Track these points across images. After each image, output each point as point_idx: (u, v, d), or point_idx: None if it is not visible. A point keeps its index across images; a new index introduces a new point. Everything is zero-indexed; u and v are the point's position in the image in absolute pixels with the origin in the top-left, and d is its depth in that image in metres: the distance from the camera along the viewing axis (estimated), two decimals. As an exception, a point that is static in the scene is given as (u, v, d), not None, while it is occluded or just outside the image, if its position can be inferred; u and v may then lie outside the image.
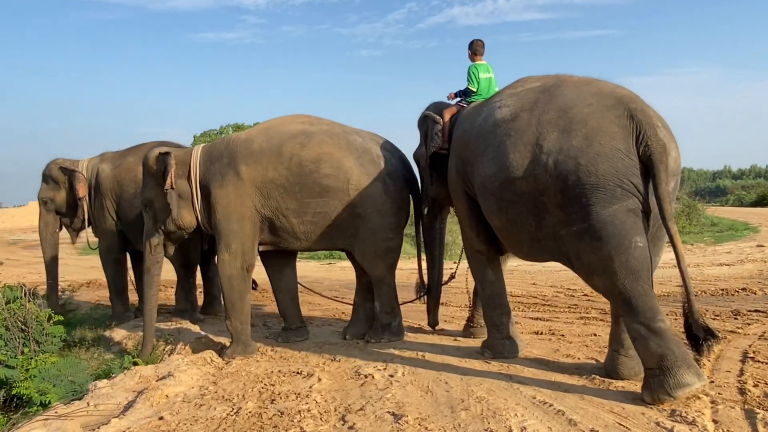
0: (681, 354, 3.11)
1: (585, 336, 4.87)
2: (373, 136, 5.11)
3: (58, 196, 6.41)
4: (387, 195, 4.80)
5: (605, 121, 3.34)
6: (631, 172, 3.25)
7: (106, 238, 6.42)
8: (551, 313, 6.07)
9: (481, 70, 4.81)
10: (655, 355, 3.13)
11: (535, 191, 3.49)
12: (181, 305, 6.51)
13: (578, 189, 3.29)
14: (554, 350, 4.44)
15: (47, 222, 6.49)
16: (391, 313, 4.99)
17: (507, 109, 3.84)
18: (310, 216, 4.75)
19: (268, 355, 4.83)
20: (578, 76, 3.87)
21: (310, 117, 5.11)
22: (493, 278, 4.41)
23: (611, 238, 3.20)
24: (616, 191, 3.23)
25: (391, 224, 4.86)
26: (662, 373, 3.11)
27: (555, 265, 10.72)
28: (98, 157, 6.48)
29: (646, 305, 3.17)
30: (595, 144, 3.29)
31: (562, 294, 7.23)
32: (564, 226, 3.40)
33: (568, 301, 6.68)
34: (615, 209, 3.22)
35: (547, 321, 5.62)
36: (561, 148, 3.37)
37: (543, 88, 3.79)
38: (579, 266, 3.46)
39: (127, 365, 5.05)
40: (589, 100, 3.48)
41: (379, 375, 3.97)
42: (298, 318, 5.36)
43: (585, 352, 4.33)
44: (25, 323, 5.72)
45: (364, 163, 4.78)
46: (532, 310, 6.24)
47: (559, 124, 3.44)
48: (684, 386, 3.06)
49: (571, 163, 3.31)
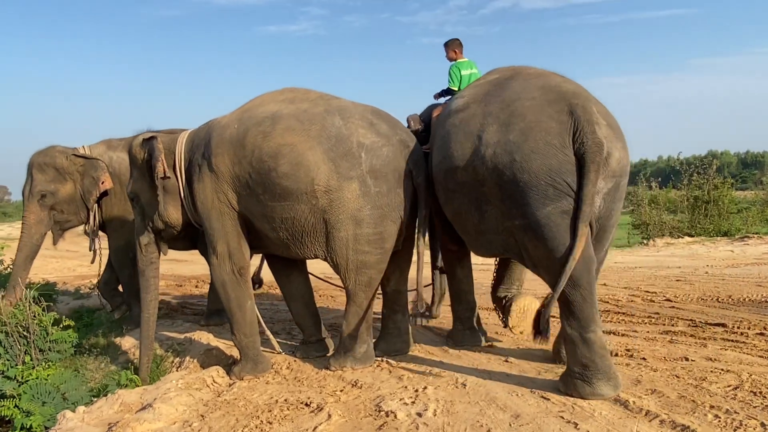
0: (603, 367, 3.20)
1: (673, 360, 3.83)
2: (366, 114, 3.98)
3: (62, 189, 5.60)
4: (365, 198, 3.78)
5: (543, 115, 3.31)
6: (565, 169, 3.19)
7: (122, 234, 5.79)
8: (627, 324, 5.02)
9: (462, 67, 4.82)
10: (580, 362, 3.23)
11: (475, 182, 3.52)
12: (217, 304, 5.84)
13: (513, 185, 3.30)
14: (634, 382, 3.44)
15: (40, 219, 5.60)
16: (356, 338, 4.00)
17: (461, 100, 3.87)
18: (279, 222, 3.92)
19: (281, 375, 4.07)
20: (536, 68, 3.82)
21: (296, 91, 4.20)
22: (461, 276, 4.54)
23: (548, 240, 3.24)
24: (548, 191, 3.20)
25: (369, 235, 3.82)
26: (582, 378, 3.22)
27: (628, 262, 9.70)
28: (102, 144, 5.83)
29: (582, 313, 3.23)
30: (531, 140, 3.26)
31: (639, 298, 6.12)
32: (507, 219, 3.43)
33: (647, 309, 5.59)
34: (549, 211, 3.21)
35: (623, 336, 4.59)
36: (499, 141, 3.38)
37: (497, 81, 3.80)
38: (527, 260, 3.49)
39: (124, 382, 4.42)
40: (533, 93, 3.45)
41: (404, 414, 3.10)
42: (316, 329, 4.57)
43: (676, 387, 3.32)
44: (27, 329, 5.19)
45: (335, 157, 3.75)
46: (603, 319, 5.21)
47: (500, 117, 3.45)
48: (598, 396, 3.17)
49: (507, 158, 3.32)
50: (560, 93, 3.39)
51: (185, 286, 9.20)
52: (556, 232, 3.21)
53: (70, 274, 11.14)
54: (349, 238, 3.82)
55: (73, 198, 5.64)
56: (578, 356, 3.23)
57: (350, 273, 3.93)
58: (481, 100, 3.68)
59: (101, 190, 5.52)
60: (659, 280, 7.23)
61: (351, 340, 4.04)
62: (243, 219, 4.07)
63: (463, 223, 3.84)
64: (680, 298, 5.96)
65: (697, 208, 14.72)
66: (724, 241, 12.49)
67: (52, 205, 5.60)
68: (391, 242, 3.94)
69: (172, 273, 10.83)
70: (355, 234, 3.81)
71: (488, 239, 3.67)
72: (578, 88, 3.50)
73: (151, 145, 4.15)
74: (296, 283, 4.59)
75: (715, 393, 3.17)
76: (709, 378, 3.41)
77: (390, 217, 3.86)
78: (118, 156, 5.71)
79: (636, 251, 12.14)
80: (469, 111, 3.68)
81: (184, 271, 10.85)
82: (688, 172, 15.57)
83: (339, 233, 3.82)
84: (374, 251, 3.87)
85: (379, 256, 3.91)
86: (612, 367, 3.25)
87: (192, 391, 3.63)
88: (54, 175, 5.56)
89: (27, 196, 5.57)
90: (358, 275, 3.93)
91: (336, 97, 4.19)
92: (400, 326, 4.37)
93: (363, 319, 4.02)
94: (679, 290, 6.42)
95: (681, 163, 17.19)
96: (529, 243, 3.35)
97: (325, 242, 3.90)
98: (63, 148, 5.67)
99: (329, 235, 3.86)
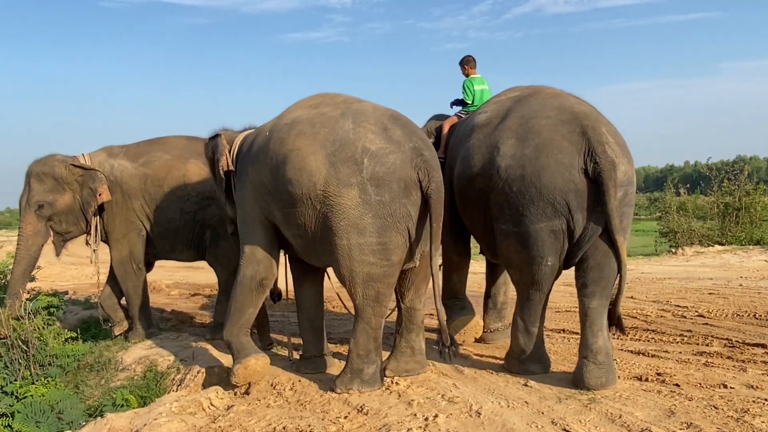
0: (537, 353, 3.90)
1: (710, 387, 3.49)
2: (383, 119, 3.73)
3: (61, 200, 5.34)
4: (366, 206, 3.52)
5: (557, 134, 3.59)
6: (568, 188, 3.49)
7: (126, 245, 5.56)
8: (657, 343, 4.66)
9: (476, 83, 5.09)
10: (519, 347, 3.91)
11: (487, 189, 3.83)
12: (223, 317, 5.61)
13: (519, 197, 3.60)
14: (667, 413, 3.11)
15: (38, 230, 5.33)
16: (364, 358, 3.74)
17: (484, 116, 4.20)
18: (295, 229, 3.81)
19: (283, 397, 3.81)
20: (554, 89, 4.13)
21: (325, 96, 4.10)
22: (456, 280, 4.90)
23: (530, 249, 3.64)
24: (546, 209, 3.53)
25: (373, 245, 3.55)
26: (518, 359, 3.94)
27: (657, 272, 9.27)
28: (103, 152, 5.61)
29: (534, 310, 3.83)
30: (543, 156, 3.54)
31: (670, 314, 5.74)
32: (495, 221, 3.83)
33: (679, 326, 5.21)
34: (541, 227, 3.57)
35: (653, 357, 4.24)
36: (514, 154, 3.66)
37: (518, 98, 4.11)
38: (500, 255, 3.97)
39: (119, 402, 4.22)
40: (549, 112, 3.74)
41: (411, 448, 2.82)
42: (316, 345, 4.35)
43: (715, 421, 2.98)
44: (27, 342, 5.01)
45: (336, 162, 3.54)
46: (631, 338, 4.86)
47: (518, 132, 3.73)
48: (529, 373, 3.87)
49: (518, 171, 3.60)
50: (573, 114, 3.67)
51: (199, 295, 9.02)
52: (540, 246, 3.60)
53: (87, 282, 11.03)
54: (352, 246, 3.57)
55: (71, 209, 5.41)
56: (519, 341, 3.89)
57: (356, 286, 3.67)
58: (502, 115, 4.00)
59: (99, 202, 5.30)
60: (690, 293, 6.83)
61: (359, 359, 3.77)
62: (273, 227, 4.03)
63: (475, 227, 4.25)
64: (714, 314, 5.57)
65: (728, 215, 14.14)
66: (758, 250, 11.94)
67: (50, 216, 5.36)
68: (399, 254, 3.65)
69: (187, 281, 10.69)
70: (358, 243, 3.56)
71: (489, 242, 4.09)
72: (590, 110, 3.80)
73: (215, 142, 4.39)
74: (307, 294, 4.41)
75: (759, 429, 2.83)
76: (752, 410, 3.07)
77: (395, 228, 3.57)
78: (119, 164, 5.51)
79: (664, 260, 11.67)
80: (491, 126, 4.01)
81: (200, 279, 10.67)
82: (718, 177, 15.02)
83: (341, 241, 3.59)
84: (379, 263, 3.59)
85: (385, 269, 3.62)
86: (545, 354, 3.96)
87: (185, 416, 3.39)
88: (52, 185, 5.32)
89: (24, 206, 5.34)
90: (365, 289, 3.65)
91: (362, 101, 4.00)
92: (413, 345, 4.08)
93: (372, 337, 3.75)
94: (712, 305, 6.03)
95: (710, 168, 16.60)
96: (510, 247, 3.78)
97: (330, 250, 3.69)
98: (62, 156, 5.43)
99: (332, 244, 3.64)
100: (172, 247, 5.72)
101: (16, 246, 5.43)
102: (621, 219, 3.55)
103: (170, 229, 5.59)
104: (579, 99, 3.96)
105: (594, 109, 3.87)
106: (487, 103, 4.54)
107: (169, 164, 5.59)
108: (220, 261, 5.64)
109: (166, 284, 9.94)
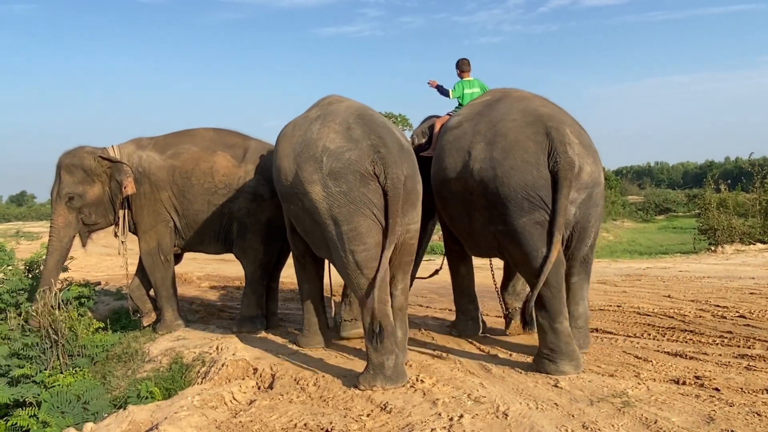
0: (567, 350, 3.78)
1: (752, 393, 3.30)
2: (349, 119, 4.00)
3: (91, 192, 5.40)
4: (331, 198, 3.82)
5: (522, 135, 3.83)
6: (539, 185, 3.71)
7: (154, 236, 5.58)
8: (695, 345, 4.46)
9: (467, 85, 5.26)
10: (548, 347, 3.84)
11: (465, 191, 4.07)
12: (250, 310, 5.61)
13: (495, 197, 3.83)
14: (706, 419, 2.94)
15: (69, 221, 5.39)
16: (380, 351, 3.70)
17: (457, 118, 4.47)
18: (297, 226, 4.41)
19: (306, 392, 3.75)
20: (522, 91, 4.45)
21: (330, 98, 4.52)
22: (464, 272, 5.07)
23: (524, 246, 3.79)
24: (524, 204, 3.73)
25: (348, 232, 3.78)
26: (549, 358, 3.82)
27: (695, 270, 8.95)
28: (132, 143, 5.63)
29: (552, 307, 3.80)
30: (510, 157, 3.78)
31: (709, 314, 5.50)
32: (491, 224, 3.98)
33: (718, 326, 4.98)
34: (525, 221, 3.74)
35: (690, 359, 4.05)
36: (485, 157, 3.90)
37: (489, 101, 4.40)
38: (509, 259, 4.12)
39: (144, 394, 4.21)
40: (515, 115, 3.99)
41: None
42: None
43: (758, 428, 2.81)
44: (57, 332, 5.06)
45: (301, 162, 3.94)
46: (668, 338, 4.67)
47: (487, 135, 3.98)
48: (561, 372, 3.74)
49: (490, 173, 3.84)
50: (538, 116, 3.91)
51: (228, 287, 9.06)
52: (530, 239, 3.75)
53: (120, 272, 11.16)
54: (334, 236, 3.80)
55: (101, 200, 5.46)
56: (547, 341, 3.83)
57: (348, 276, 3.85)
58: (472, 119, 4.25)
59: (124, 195, 5.33)
60: (731, 293, 6.55)
61: (375, 353, 3.72)
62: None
63: (457, 226, 4.50)
64: (756, 315, 5.32)
65: (771, 212, 13.65)
66: (802, 249, 11.49)
67: (80, 208, 5.41)
68: (374, 237, 3.75)
69: (218, 273, 10.74)
70: (337, 232, 3.77)
71: (477, 241, 4.28)
72: (554, 111, 4.02)
73: None
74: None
75: (807, 439, 2.65)
76: (799, 418, 2.88)
77: (360, 213, 3.73)
78: (147, 155, 5.52)
79: (703, 258, 11.30)
80: (462, 129, 4.27)
81: (231, 271, 10.69)
82: (761, 173, 14.50)
83: (325, 233, 3.88)
84: (358, 249, 3.72)
85: (366, 254, 3.72)
86: (575, 351, 3.82)
87: (206, 410, 3.36)
88: (82, 177, 5.37)
89: (55, 198, 5.41)
90: (357, 278, 3.77)
91: (344, 102, 4.32)
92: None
93: (380, 327, 3.69)
94: (754, 305, 5.76)
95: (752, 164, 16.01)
96: (509, 246, 3.91)
97: (322, 245, 4.04)
98: (91, 148, 5.48)
99: (319, 236, 4.00)
100: (199, 240, 5.72)
101: (48, 237, 5.49)
102: (588, 218, 3.90)
103: (197, 221, 5.58)
104: (545, 101, 4.24)
105: (560, 110, 4.15)
106: (465, 106, 4.84)
107: (197, 156, 5.58)
108: (247, 254, 5.62)
109: (197, 276, 10.00)
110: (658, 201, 31.80)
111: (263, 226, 5.52)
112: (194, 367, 4.59)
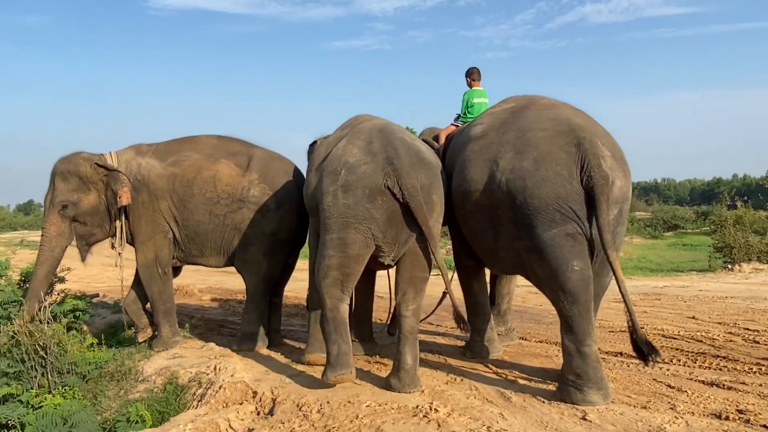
0: (596, 378, 3.48)
1: (806, 431, 2.97)
2: (372, 135, 4.18)
3: (86, 200, 5.11)
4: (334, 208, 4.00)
5: (554, 146, 3.61)
6: (572, 198, 3.51)
7: (152, 247, 5.27)
8: (731, 373, 4.12)
9: (475, 95, 5.15)
10: (574, 372, 3.53)
11: (492, 205, 3.84)
12: (251, 327, 5.31)
13: (524, 209, 3.60)
14: (760, 463, 2.62)
15: (61, 231, 5.09)
16: (327, 339, 4.02)
17: (480, 127, 4.21)
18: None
19: (309, 421, 3.43)
20: (548, 99, 4.21)
21: (360, 118, 4.72)
22: (477, 290, 4.81)
23: (551, 259, 3.52)
24: (555, 216, 3.51)
25: (334, 240, 3.97)
26: (575, 386, 3.51)
27: (715, 290, 8.60)
28: (131, 150, 5.34)
29: (579, 327, 3.50)
30: (542, 168, 3.57)
31: (739, 338, 5.16)
32: (516, 240, 3.74)
33: (753, 352, 4.64)
34: (554, 233, 3.51)
35: (729, 389, 3.72)
36: (513, 167, 3.68)
37: (514, 109, 4.17)
38: (533, 277, 3.80)
39: (133, 418, 3.91)
40: (545, 125, 3.76)
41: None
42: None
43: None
44: (45, 348, 4.76)
45: (323, 175, 4.14)
46: (700, 365, 4.33)
47: (516, 145, 3.75)
48: (588, 403, 3.44)
49: (520, 184, 3.62)
50: (570, 126, 3.69)
51: (231, 300, 8.76)
52: (560, 251, 3.50)
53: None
54: (324, 241, 4.00)
55: (96, 209, 5.16)
56: (573, 366, 3.54)
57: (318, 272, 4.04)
58: (498, 128, 4.02)
59: (119, 205, 5.04)
60: (759, 315, 6.20)
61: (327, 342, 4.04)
62: None
63: (480, 242, 4.20)
64: (791, 340, 4.98)
65: (789, 230, 13.28)
66: (823, 268, 11.11)
67: (74, 217, 5.10)
68: (356, 249, 3.91)
69: (220, 286, 10.46)
70: (328, 238, 3.95)
71: (501, 257, 4.03)
72: (585, 122, 3.80)
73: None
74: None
75: None
76: None
77: (354, 227, 3.88)
78: (147, 162, 5.24)
79: (721, 277, 10.93)
80: (488, 138, 4.02)
81: (233, 284, 10.39)
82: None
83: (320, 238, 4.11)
84: (336, 255, 3.93)
85: (341, 260, 3.93)
86: (604, 379, 3.53)
87: (200, 440, 3.05)
88: (77, 185, 5.08)
89: (48, 206, 5.10)
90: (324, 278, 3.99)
91: (372, 120, 4.49)
92: (400, 359, 3.97)
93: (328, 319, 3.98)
94: (786, 328, 5.42)
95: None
96: (535, 263, 3.65)
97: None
98: (88, 154, 5.17)
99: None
100: (200, 252, 5.43)
101: (39, 247, 5.20)
102: (614, 238, 3.57)
103: (198, 232, 5.30)
104: (575, 109, 4.03)
105: (591, 120, 3.96)
106: (482, 114, 4.61)
107: (199, 164, 5.30)
108: (249, 267, 5.33)
109: (199, 288, 9.73)
110: (666, 217, 31.36)
111: (267, 238, 5.23)
112: (190, 388, 4.27)
